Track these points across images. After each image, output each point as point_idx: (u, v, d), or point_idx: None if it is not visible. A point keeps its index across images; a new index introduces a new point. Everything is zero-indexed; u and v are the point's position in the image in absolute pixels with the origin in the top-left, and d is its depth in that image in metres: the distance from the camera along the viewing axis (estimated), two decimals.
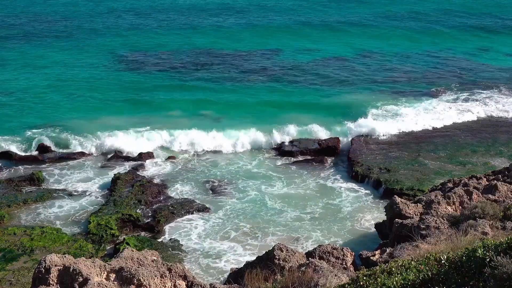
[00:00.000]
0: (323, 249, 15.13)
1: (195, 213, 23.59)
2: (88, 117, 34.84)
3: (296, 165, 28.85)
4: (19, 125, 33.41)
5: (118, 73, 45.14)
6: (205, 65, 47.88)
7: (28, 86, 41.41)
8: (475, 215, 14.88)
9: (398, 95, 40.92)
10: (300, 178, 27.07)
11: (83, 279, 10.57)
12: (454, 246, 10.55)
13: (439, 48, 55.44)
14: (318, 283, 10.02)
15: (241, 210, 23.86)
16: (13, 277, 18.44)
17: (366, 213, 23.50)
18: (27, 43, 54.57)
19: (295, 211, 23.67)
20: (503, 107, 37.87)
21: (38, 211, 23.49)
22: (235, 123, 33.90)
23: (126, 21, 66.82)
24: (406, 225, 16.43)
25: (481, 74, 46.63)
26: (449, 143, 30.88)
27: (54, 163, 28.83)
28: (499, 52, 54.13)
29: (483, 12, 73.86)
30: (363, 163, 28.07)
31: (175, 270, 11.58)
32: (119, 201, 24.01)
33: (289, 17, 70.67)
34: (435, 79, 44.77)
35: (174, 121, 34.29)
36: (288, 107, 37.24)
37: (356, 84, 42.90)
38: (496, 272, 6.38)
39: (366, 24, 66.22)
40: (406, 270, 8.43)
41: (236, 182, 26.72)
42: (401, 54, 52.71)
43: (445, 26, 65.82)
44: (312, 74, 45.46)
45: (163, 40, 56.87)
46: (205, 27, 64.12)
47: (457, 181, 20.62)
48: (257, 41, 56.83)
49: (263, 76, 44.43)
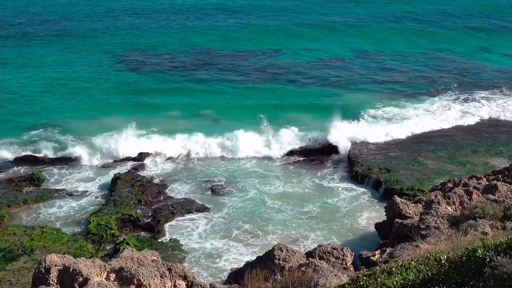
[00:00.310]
0: (323, 249, 15.14)
1: (195, 213, 23.59)
2: (88, 117, 34.84)
3: (296, 165, 28.86)
4: (19, 125, 33.40)
5: (118, 73, 45.12)
6: (205, 65, 47.87)
7: (28, 86, 41.40)
8: (475, 215, 14.87)
9: (397, 96, 40.95)
10: (300, 178, 27.08)
11: (83, 279, 10.57)
12: (454, 246, 10.55)
13: (438, 49, 55.43)
14: (318, 283, 10.02)
15: (241, 210, 23.86)
16: (13, 277, 18.44)
17: (366, 213, 23.50)
18: (26, 43, 54.56)
19: (294, 211, 23.67)
20: (503, 107, 37.88)
21: (38, 211, 23.49)
22: (235, 123, 33.90)
23: (125, 21, 66.82)
24: (406, 225, 16.43)
25: (481, 74, 46.63)
26: (449, 143, 30.86)
27: (54, 163, 28.83)
28: (498, 52, 54.15)
29: (482, 13, 73.89)
30: (363, 163, 28.06)
31: (175, 270, 11.58)
32: (119, 201, 24.01)
33: (289, 18, 70.69)
34: (435, 79, 44.77)
35: (173, 121, 34.29)
36: (288, 107, 37.28)
37: (356, 84, 42.90)
38: (496, 272, 6.38)
39: (366, 25, 66.23)
40: (406, 270, 8.43)
41: (236, 181, 26.72)
42: (400, 54, 52.71)
43: (445, 26, 65.81)
44: (311, 74, 45.47)
45: (162, 40, 56.87)
46: (205, 27, 64.13)
47: (457, 181, 20.61)
48: (257, 41, 56.82)
49: (263, 76, 44.43)
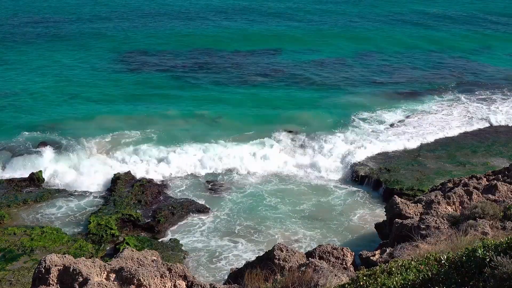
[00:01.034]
0: (323, 249, 15.12)
1: (195, 213, 23.59)
2: (88, 118, 34.81)
3: (296, 164, 28.82)
4: (18, 125, 33.37)
5: (118, 73, 45.11)
6: (205, 65, 47.86)
7: (28, 86, 41.36)
8: (475, 215, 14.86)
9: (397, 96, 40.96)
10: (299, 178, 27.06)
11: (83, 279, 10.57)
12: (454, 246, 10.55)
13: (439, 49, 55.43)
14: (318, 283, 10.01)
15: (241, 209, 23.85)
16: (13, 277, 18.43)
17: (366, 213, 23.49)
18: (26, 42, 54.53)
19: (293, 211, 23.66)
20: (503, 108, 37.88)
21: (38, 211, 23.48)
22: (234, 123, 33.95)
23: (125, 21, 66.78)
24: (406, 225, 16.41)
25: (481, 74, 46.64)
26: (449, 143, 30.87)
27: (54, 163, 28.79)
28: (499, 52, 54.13)
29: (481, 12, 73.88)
30: (363, 163, 28.06)
31: (175, 270, 11.57)
32: (119, 201, 24.00)
33: (289, 17, 70.69)
34: (435, 80, 44.75)
35: (173, 122, 34.30)
36: (288, 107, 37.27)
37: (356, 85, 42.88)
38: (496, 272, 6.38)
39: (366, 24, 66.20)
40: (406, 270, 8.43)
41: (236, 181, 26.71)
42: (401, 54, 52.69)
43: (445, 26, 65.82)
44: (311, 75, 45.44)
45: (163, 40, 56.84)
46: (204, 27, 64.11)
47: (457, 181, 20.61)
48: (257, 41, 56.79)
49: (263, 76, 44.43)
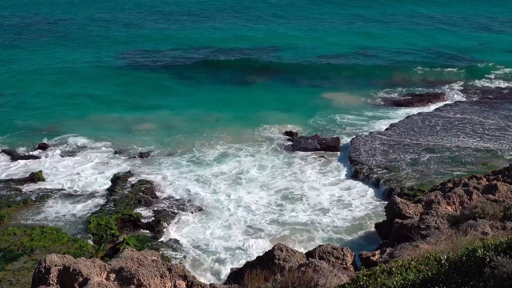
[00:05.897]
0: (323, 249, 15.12)
1: (195, 212, 23.57)
2: (88, 117, 34.89)
3: (295, 164, 28.82)
4: (18, 125, 33.39)
5: (118, 71, 45.22)
6: (205, 64, 47.91)
7: (27, 85, 41.40)
8: (475, 215, 14.87)
9: (396, 96, 41.00)
10: (299, 178, 27.05)
11: (83, 279, 10.57)
12: (454, 246, 10.56)
13: (438, 46, 55.48)
14: (318, 283, 10.01)
15: (241, 209, 23.83)
16: (13, 277, 18.42)
17: (366, 213, 23.47)
18: (26, 42, 54.56)
19: (293, 211, 23.63)
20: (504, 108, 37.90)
21: (38, 211, 23.47)
22: (234, 123, 33.98)
23: (125, 21, 66.83)
24: (406, 225, 16.41)
25: (481, 73, 46.65)
26: (449, 143, 30.83)
27: (54, 162, 28.81)
28: (499, 51, 54.13)
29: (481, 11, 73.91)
30: (363, 162, 28.06)
31: (175, 270, 11.57)
32: (119, 201, 23.99)
33: (288, 16, 70.70)
34: (435, 80, 44.78)
35: (173, 122, 34.34)
36: (287, 106, 37.30)
37: (356, 85, 42.92)
38: (496, 272, 6.38)
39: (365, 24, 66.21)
40: (406, 270, 8.44)
41: (236, 180, 26.68)
42: (400, 52, 52.73)
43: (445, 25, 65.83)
44: (311, 74, 45.48)
45: (162, 40, 56.89)
46: (204, 26, 64.15)
47: (457, 181, 20.61)
48: (257, 40, 56.84)
49: (263, 76, 44.46)
